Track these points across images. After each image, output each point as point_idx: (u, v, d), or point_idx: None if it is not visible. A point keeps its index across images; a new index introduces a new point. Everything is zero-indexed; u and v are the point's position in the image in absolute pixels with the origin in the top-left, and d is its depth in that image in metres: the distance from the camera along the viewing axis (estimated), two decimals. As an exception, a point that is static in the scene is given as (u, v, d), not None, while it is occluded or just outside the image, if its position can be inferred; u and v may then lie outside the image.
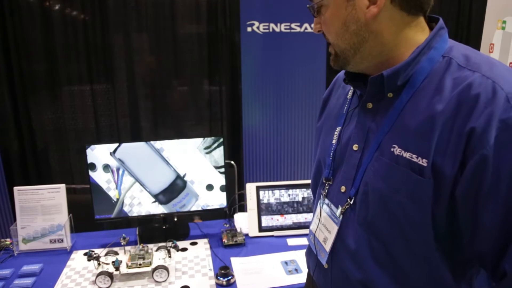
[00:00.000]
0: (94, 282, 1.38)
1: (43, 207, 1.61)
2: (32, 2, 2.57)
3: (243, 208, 1.95)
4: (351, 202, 0.80)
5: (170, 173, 1.67)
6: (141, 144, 1.65)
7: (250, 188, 1.74)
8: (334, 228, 0.84)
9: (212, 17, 2.79)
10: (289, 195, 1.74)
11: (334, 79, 1.01)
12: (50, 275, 1.46)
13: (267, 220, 1.72)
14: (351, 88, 0.88)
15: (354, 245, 0.80)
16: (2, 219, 2.37)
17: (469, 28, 3.19)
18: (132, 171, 1.64)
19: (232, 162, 2.33)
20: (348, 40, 0.75)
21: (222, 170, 1.72)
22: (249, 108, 2.60)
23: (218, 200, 1.73)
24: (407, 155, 0.69)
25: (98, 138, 2.74)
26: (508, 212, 0.62)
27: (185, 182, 1.68)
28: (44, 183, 1.65)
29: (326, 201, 0.88)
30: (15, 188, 1.61)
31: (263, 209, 1.72)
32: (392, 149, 0.72)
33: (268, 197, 1.73)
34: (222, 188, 1.73)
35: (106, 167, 1.63)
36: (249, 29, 2.50)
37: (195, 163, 1.69)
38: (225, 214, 1.84)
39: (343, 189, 0.83)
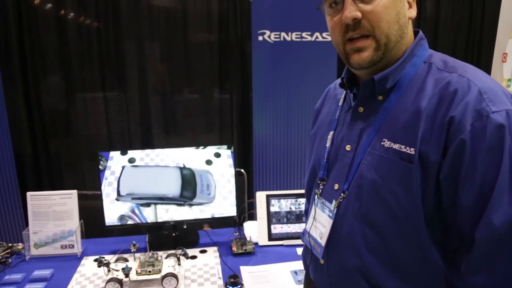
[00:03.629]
0: (104, 289, 1.38)
1: (55, 213, 1.63)
2: (47, 10, 2.62)
3: (252, 217, 1.94)
4: (344, 196, 0.85)
5: (174, 170, 1.67)
6: (138, 169, 1.65)
7: (260, 196, 1.74)
8: (329, 222, 0.88)
9: (223, 25, 2.82)
10: (299, 204, 1.73)
11: (325, 91, 1.07)
12: (60, 280, 1.47)
13: (276, 229, 1.71)
14: (342, 96, 0.95)
15: (349, 235, 0.84)
16: (14, 224, 2.40)
17: (481, 37, 3.17)
18: (146, 194, 1.65)
19: (242, 170, 2.33)
20: (396, 31, 0.79)
21: (232, 178, 1.72)
22: (259, 116, 2.61)
23: (228, 208, 1.73)
24: (396, 146, 0.77)
25: (110, 145, 2.76)
26: (482, 190, 0.69)
27: (189, 169, 1.68)
28: (56, 188, 1.68)
29: (321, 199, 0.93)
30: (28, 194, 1.63)
31: (273, 217, 1.72)
32: (382, 143, 0.79)
33: (278, 205, 1.73)
34: (232, 196, 1.73)
35: (123, 218, 1.65)
36: (260, 38, 2.52)
37: (205, 171, 1.69)
38: (235, 223, 1.84)
39: (336, 186, 0.88)
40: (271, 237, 1.70)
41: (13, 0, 2.51)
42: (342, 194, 0.85)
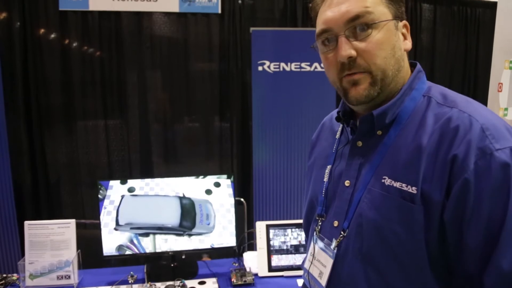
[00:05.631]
0: (100, 322, 1.35)
1: (52, 242, 1.61)
2: (52, 39, 2.68)
3: (252, 247, 1.92)
4: (345, 235, 0.82)
5: (173, 200, 1.67)
6: (137, 198, 1.65)
7: (260, 226, 1.72)
8: (329, 262, 0.85)
9: (224, 56, 2.88)
10: (299, 234, 1.71)
11: (321, 124, 1.05)
12: (55, 313, 1.44)
13: (277, 260, 1.68)
14: (339, 128, 0.93)
15: (350, 276, 0.80)
16: (10, 254, 2.36)
17: (476, 68, 3.24)
18: (145, 224, 1.64)
19: (242, 199, 2.32)
20: (392, 66, 0.77)
21: (232, 208, 1.71)
22: (259, 145, 2.62)
23: (227, 238, 1.71)
24: (397, 184, 0.74)
25: (110, 173, 2.76)
26: (489, 232, 0.66)
27: (189, 199, 1.68)
28: (55, 216, 1.66)
29: (320, 236, 0.89)
30: (26, 223, 1.61)
31: (273, 248, 1.69)
32: (382, 180, 0.76)
33: (278, 236, 1.71)
34: (232, 226, 1.71)
35: (121, 248, 1.64)
36: (260, 68, 2.57)
37: (205, 200, 1.69)
38: (234, 253, 1.81)
39: (335, 223, 0.85)
40: (271, 268, 1.67)
41: (19, 29, 2.57)
42: (342, 233, 0.82)
